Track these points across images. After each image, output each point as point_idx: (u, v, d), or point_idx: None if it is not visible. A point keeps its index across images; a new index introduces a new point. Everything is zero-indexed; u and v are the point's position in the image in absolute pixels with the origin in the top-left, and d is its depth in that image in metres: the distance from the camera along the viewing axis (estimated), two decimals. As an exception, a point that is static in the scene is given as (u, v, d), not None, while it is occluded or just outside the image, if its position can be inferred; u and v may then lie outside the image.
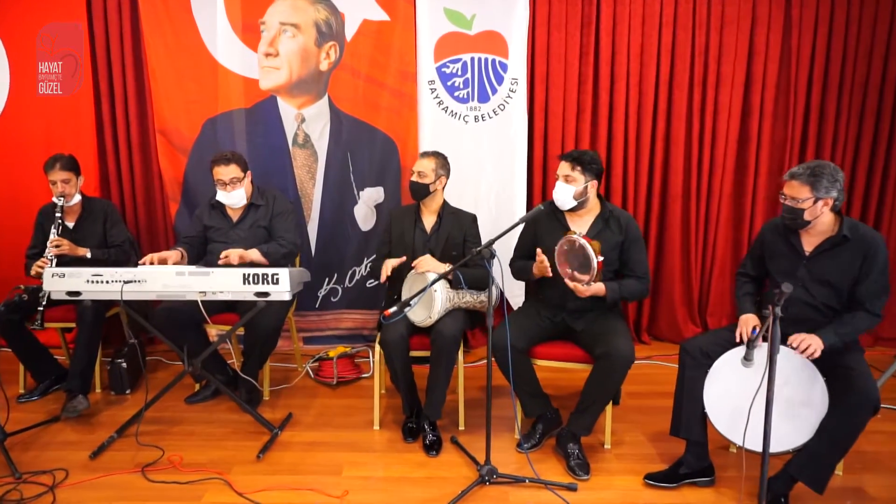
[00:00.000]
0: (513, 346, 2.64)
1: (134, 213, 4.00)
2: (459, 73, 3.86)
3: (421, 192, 3.06)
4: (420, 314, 2.84)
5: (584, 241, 2.55)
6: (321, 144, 3.92)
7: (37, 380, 3.38)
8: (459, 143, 3.85)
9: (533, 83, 3.87)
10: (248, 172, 3.27)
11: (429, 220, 3.12)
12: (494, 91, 3.86)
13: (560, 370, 2.86)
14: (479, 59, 3.84)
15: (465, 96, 3.87)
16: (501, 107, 3.86)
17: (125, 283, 2.65)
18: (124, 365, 3.38)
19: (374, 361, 3.68)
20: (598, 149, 3.91)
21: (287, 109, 3.87)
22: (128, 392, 3.40)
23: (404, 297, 2.94)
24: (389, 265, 2.90)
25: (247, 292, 2.66)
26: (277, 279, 2.64)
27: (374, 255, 3.31)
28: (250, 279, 2.65)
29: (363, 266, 4.05)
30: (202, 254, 3.30)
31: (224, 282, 2.65)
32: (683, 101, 3.88)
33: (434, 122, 3.89)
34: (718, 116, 3.90)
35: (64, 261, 3.20)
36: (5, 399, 2.84)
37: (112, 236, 3.46)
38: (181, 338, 3.04)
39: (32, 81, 3.86)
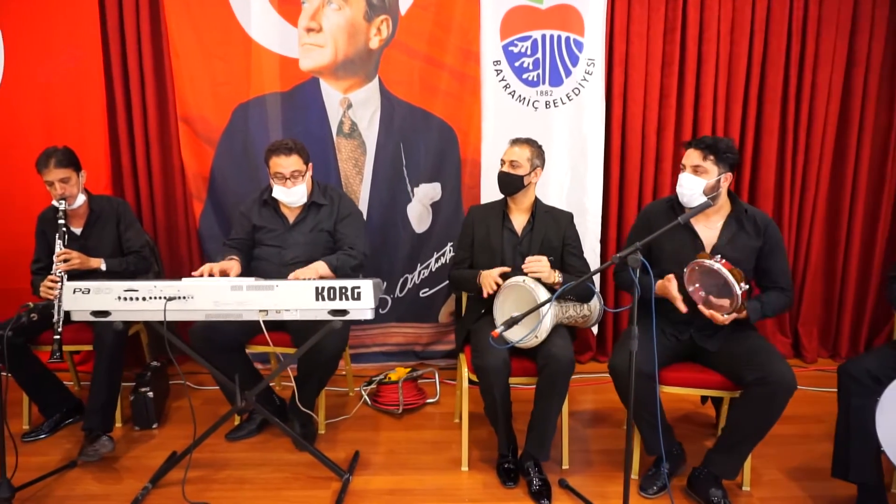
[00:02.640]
0: (637, 371, 2.18)
1: (152, 213, 3.45)
2: (529, 52, 3.37)
3: (514, 185, 2.58)
4: (521, 333, 2.35)
5: (724, 271, 2.12)
6: (370, 134, 3.41)
7: (45, 414, 2.83)
8: (528, 133, 3.35)
9: (611, 65, 3.41)
10: (310, 165, 2.75)
11: (519, 220, 2.64)
12: (568, 73, 3.38)
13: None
14: (552, 37, 3.36)
15: (535, 79, 3.40)
16: (576, 91, 3.39)
17: (168, 300, 2.12)
18: (150, 394, 2.84)
19: (439, 385, 3.21)
20: (682, 139, 3.46)
21: (331, 93, 3.36)
22: (154, 426, 2.86)
23: (499, 312, 2.46)
24: (495, 275, 2.41)
25: (320, 310, 2.15)
26: (359, 293, 2.13)
27: (451, 263, 2.81)
28: (325, 294, 2.14)
29: (416, 273, 3.54)
30: (249, 259, 2.77)
31: (292, 298, 2.14)
32: (778, 83, 3.44)
33: (499, 108, 3.41)
34: (816, 99, 3.46)
35: (74, 275, 2.64)
36: (12, 442, 2.31)
37: (128, 241, 2.91)
38: (224, 363, 2.53)
39: (31, 59, 3.28)
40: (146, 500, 2.29)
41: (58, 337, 2.55)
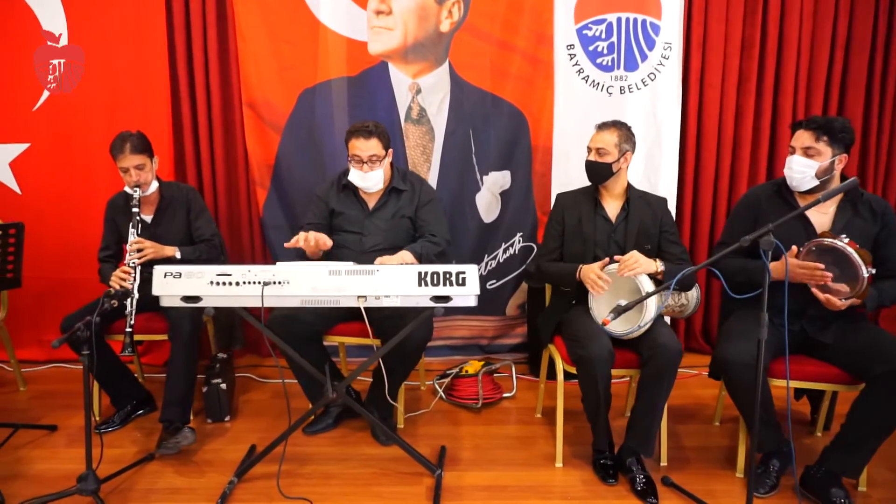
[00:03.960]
0: (746, 363, 2.07)
1: (214, 201, 3.36)
2: (604, 35, 3.25)
3: (602, 173, 2.46)
4: (624, 325, 2.24)
5: (850, 251, 2.00)
6: (439, 120, 3.30)
7: (116, 405, 2.75)
8: (601, 119, 3.22)
9: (689, 48, 3.29)
10: (390, 151, 2.65)
11: (612, 207, 2.52)
12: (644, 58, 3.26)
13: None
14: (627, 20, 3.24)
15: (610, 63, 3.27)
16: (652, 76, 3.27)
17: (265, 285, 2.02)
18: (223, 386, 2.75)
19: (515, 379, 3.11)
20: (761, 126, 3.34)
21: (400, 78, 3.26)
22: (227, 419, 2.77)
23: (596, 301, 2.35)
24: (598, 271, 2.29)
25: (421, 297, 2.04)
26: (464, 279, 2.03)
27: (538, 254, 2.68)
28: (428, 279, 2.03)
29: (483, 264, 3.44)
30: None
31: (393, 283, 2.04)
32: (863, 68, 3.31)
33: (571, 93, 3.29)
34: (904, 86, 3.34)
35: (146, 262, 2.56)
36: (99, 437, 2.24)
37: (198, 229, 2.81)
38: (303, 355, 2.43)
39: (94, 43, 3.20)
40: (233, 494, 2.20)
41: (129, 330, 2.46)
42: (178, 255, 2.68)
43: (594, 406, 2.27)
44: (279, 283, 2.04)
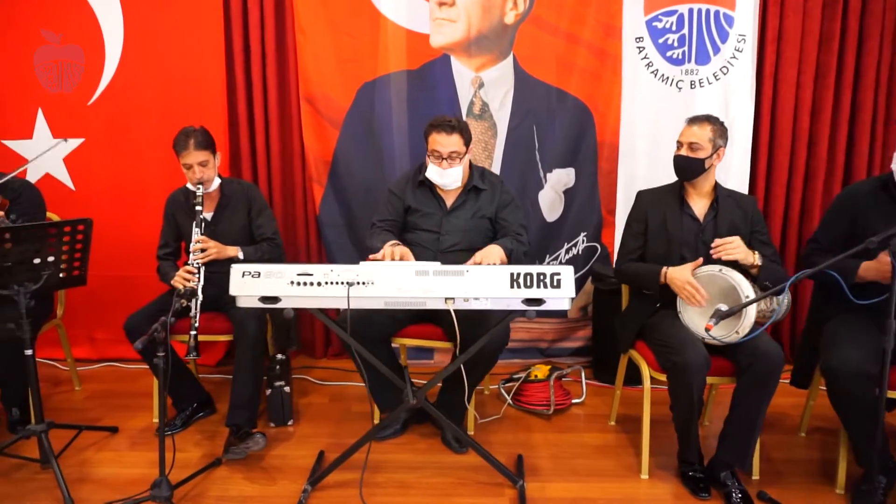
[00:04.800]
0: (855, 372, 1.95)
1: (269, 198, 3.26)
2: (674, 27, 3.13)
3: (693, 169, 2.33)
4: (722, 330, 2.11)
5: None
6: (502, 115, 3.19)
7: (177, 407, 2.67)
8: (669, 115, 3.12)
9: (763, 41, 3.15)
10: (470, 148, 2.54)
11: (699, 205, 2.40)
12: (717, 50, 3.13)
13: None
14: (700, 11, 3.11)
15: (680, 57, 3.15)
16: (724, 70, 3.13)
17: (349, 285, 1.93)
18: (287, 389, 2.66)
19: (585, 385, 2.99)
20: (839, 124, 3.19)
21: (462, 72, 3.15)
22: (290, 423, 2.68)
23: (684, 305, 2.22)
24: (689, 277, 2.17)
25: (513, 299, 1.94)
26: (559, 281, 1.92)
27: (619, 254, 2.55)
28: (521, 281, 1.93)
29: (545, 264, 3.31)
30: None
31: (484, 285, 1.93)
32: (949, 62, 3.16)
33: (638, 87, 3.17)
34: None
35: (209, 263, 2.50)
36: (171, 438, 2.17)
37: (259, 227, 2.73)
38: (376, 357, 2.33)
39: (150, 35, 3.14)
40: (308, 503, 2.11)
41: (194, 332, 2.37)
42: (240, 255, 2.60)
43: (685, 415, 2.14)
44: (363, 283, 1.95)
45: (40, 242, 2.14)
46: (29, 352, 2.20)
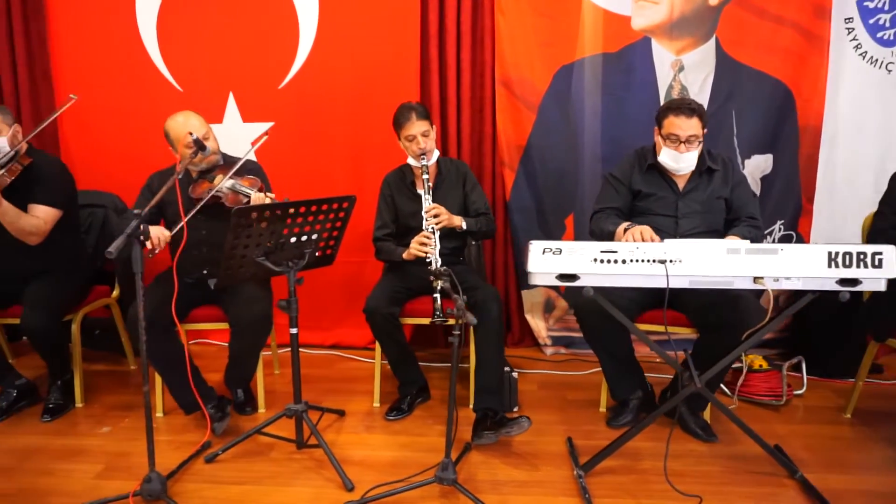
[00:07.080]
0: None
1: (458, 183, 3.23)
2: (887, 7, 3.02)
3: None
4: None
5: None
6: (701, 99, 3.09)
7: (402, 392, 2.63)
8: (876, 99, 3.03)
9: (979, 21, 3.03)
10: (706, 130, 2.46)
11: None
12: (931, 31, 3.02)
13: None
14: (915, -10, 3.01)
15: (892, 38, 3.04)
16: (937, 52, 3.02)
17: (666, 263, 1.87)
18: (514, 374, 2.61)
19: (805, 376, 2.89)
20: None
21: (662, 55, 3.08)
22: (515, 409, 2.62)
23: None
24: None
25: (827, 279, 1.86)
26: (880, 260, 1.84)
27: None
28: (839, 260, 1.85)
29: (736, 253, 3.23)
30: None
31: (800, 264, 1.86)
32: None
33: (842, 70, 3.05)
34: None
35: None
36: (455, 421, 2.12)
37: (474, 202, 2.73)
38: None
39: (345, 16, 3.12)
40: (591, 489, 2.04)
41: (437, 296, 2.35)
42: (464, 226, 2.59)
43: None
44: (671, 261, 1.88)
45: (311, 218, 2.11)
46: (294, 330, 2.19)
